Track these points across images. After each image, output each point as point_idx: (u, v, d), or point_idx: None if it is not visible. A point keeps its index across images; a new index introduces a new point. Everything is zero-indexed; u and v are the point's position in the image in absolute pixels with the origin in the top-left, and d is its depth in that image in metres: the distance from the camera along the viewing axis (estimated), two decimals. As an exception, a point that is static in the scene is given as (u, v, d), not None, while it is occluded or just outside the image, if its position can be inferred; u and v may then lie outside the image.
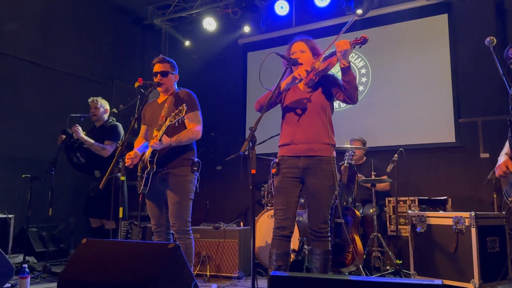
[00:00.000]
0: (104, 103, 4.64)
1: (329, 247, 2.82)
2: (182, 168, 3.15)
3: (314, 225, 2.81)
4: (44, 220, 5.21)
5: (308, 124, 2.79)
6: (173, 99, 3.30)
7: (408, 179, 5.30)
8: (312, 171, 2.77)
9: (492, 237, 3.45)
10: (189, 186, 3.16)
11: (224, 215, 5.82)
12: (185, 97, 3.31)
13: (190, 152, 3.22)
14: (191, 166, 3.17)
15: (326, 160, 2.77)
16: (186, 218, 3.13)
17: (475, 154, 5.18)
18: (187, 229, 3.14)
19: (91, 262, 2.19)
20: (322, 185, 2.76)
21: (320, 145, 2.77)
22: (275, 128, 3.53)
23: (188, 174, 3.16)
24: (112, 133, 4.43)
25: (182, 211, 3.11)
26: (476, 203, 4.98)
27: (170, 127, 3.03)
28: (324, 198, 2.78)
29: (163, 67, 3.38)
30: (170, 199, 3.13)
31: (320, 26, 6.43)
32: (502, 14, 5.26)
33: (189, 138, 3.14)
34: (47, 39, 5.96)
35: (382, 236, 4.55)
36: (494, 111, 5.05)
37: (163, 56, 3.45)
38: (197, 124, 3.20)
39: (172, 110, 3.10)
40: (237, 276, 4.23)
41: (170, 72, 3.39)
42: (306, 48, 2.93)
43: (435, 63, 5.62)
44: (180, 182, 3.13)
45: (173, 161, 3.14)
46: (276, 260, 2.73)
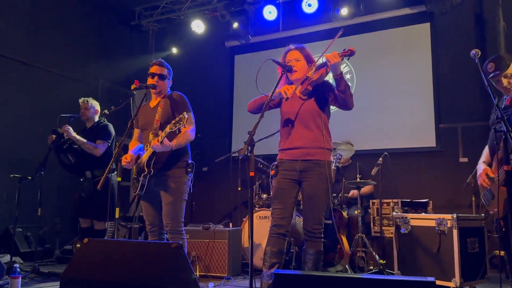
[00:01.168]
0: (94, 103, 4.65)
1: (321, 248, 2.94)
2: (176, 170, 3.21)
3: (308, 226, 2.92)
4: (30, 221, 5.19)
5: (304, 129, 2.91)
6: (166, 102, 3.34)
7: (391, 182, 5.47)
8: (308, 174, 2.88)
9: (472, 238, 3.62)
10: (183, 187, 3.22)
11: (210, 216, 5.88)
12: (178, 99, 3.36)
13: (184, 154, 3.29)
14: (185, 167, 3.23)
15: (322, 163, 2.87)
16: (179, 218, 3.19)
17: (455, 159, 5.39)
18: (180, 229, 3.20)
19: (94, 261, 2.24)
20: (317, 187, 2.87)
21: (316, 150, 2.87)
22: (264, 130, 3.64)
23: (183, 176, 3.23)
24: (104, 132, 4.46)
25: (175, 212, 3.17)
26: (455, 206, 5.18)
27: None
28: (319, 200, 2.89)
29: (160, 71, 3.43)
30: (164, 199, 3.19)
31: (307, 31, 6.57)
32: (482, 25, 5.50)
33: (186, 141, 3.22)
34: (34, 38, 5.92)
35: (366, 237, 4.70)
36: (473, 117, 5.29)
37: (162, 60, 3.51)
38: (191, 126, 3.26)
39: (167, 113, 3.20)
40: (226, 277, 4.30)
41: (166, 77, 3.46)
42: (301, 56, 3.03)
43: (418, 70, 5.82)
44: (174, 183, 3.18)
45: (169, 163, 3.20)
46: (270, 257, 2.82)
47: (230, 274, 4.34)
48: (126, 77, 7.35)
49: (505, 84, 2.83)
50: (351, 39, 6.32)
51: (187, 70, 7.36)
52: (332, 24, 6.26)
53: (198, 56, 7.32)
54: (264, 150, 5.76)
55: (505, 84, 2.83)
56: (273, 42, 6.81)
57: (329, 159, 2.92)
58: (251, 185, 2.48)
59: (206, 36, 6.99)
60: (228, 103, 7.07)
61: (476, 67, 2.66)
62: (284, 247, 2.92)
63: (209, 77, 7.25)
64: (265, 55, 6.16)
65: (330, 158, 2.94)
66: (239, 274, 4.52)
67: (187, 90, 7.19)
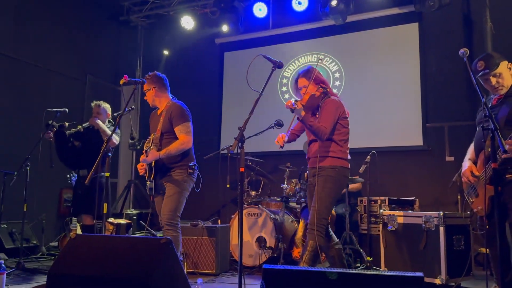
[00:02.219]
0: (107, 107, 4.67)
1: (319, 242, 3.11)
2: (179, 171, 3.50)
3: (309, 220, 3.22)
4: (15, 217, 5.11)
5: (313, 142, 3.38)
6: (167, 112, 3.57)
7: (378, 180, 5.51)
8: (316, 177, 3.27)
9: (458, 236, 3.68)
10: (183, 185, 3.48)
11: (199, 213, 5.86)
12: (175, 111, 3.55)
13: (186, 158, 3.54)
14: (187, 169, 3.51)
15: (326, 168, 3.25)
16: (176, 212, 3.43)
17: (441, 157, 5.46)
18: (176, 222, 3.42)
19: (81, 256, 2.21)
20: (319, 186, 3.21)
21: (320, 158, 3.27)
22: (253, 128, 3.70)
23: (184, 175, 3.50)
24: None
25: (173, 205, 3.41)
26: (441, 204, 5.25)
27: (164, 140, 3.50)
28: (322, 198, 3.18)
29: (146, 87, 3.63)
30: (166, 194, 3.48)
31: (296, 29, 6.59)
32: (469, 26, 5.57)
33: (178, 149, 3.44)
34: (21, 32, 5.83)
35: (353, 234, 4.74)
36: (460, 117, 5.35)
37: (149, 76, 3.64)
38: (186, 135, 3.49)
39: (167, 123, 3.52)
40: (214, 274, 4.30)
41: (149, 89, 3.61)
42: (307, 82, 3.36)
43: (406, 69, 5.88)
44: (176, 181, 3.47)
45: (172, 167, 3.49)
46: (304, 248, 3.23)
47: (218, 271, 4.33)
48: (115, 72, 7.29)
49: (494, 83, 2.86)
50: (340, 37, 6.36)
51: (176, 66, 7.33)
52: (322, 22, 6.28)
53: (188, 52, 7.29)
54: (253, 147, 5.77)
55: (494, 83, 2.86)
56: (263, 39, 6.81)
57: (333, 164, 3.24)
58: (241, 180, 2.48)
59: (195, 32, 6.96)
60: (217, 100, 7.05)
61: (463, 67, 2.70)
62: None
63: (198, 74, 7.22)
64: (255, 52, 6.14)
65: (335, 163, 3.25)
66: (227, 271, 4.51)
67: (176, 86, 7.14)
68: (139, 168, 3.51)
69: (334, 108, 3.26)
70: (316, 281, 1.81)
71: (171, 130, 3.51)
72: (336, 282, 1.77)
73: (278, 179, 5.44)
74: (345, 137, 3.33)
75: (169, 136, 3.53)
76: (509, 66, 2.89)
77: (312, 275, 1.86)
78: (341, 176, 3.27)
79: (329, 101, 3.29)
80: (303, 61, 6.57)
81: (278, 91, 6.64)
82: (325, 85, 3.34)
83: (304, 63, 6.53)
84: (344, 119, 3.32)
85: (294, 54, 6.61)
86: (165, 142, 3.50)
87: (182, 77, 7.24)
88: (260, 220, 4.70)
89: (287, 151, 6.23)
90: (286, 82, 6.60)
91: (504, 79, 2.86)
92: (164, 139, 3.52)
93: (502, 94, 2.90)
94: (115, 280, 2.07)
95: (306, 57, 6.55)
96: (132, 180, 7.06)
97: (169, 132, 3.52)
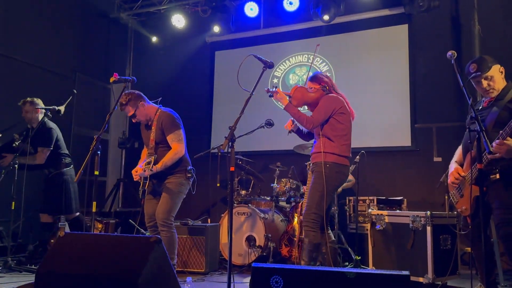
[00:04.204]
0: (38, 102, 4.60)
1: (313, 239, 3.19)
2: (178, 175, 3.66)
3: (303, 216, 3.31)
4: (2, 215, 5.05)
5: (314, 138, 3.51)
6: (158, 122, 3.69)
7: (367, 180, 5.57)
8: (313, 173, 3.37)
9: (445, 235, 3.73)
10: (179, 187, 3.64)
11: (188, 212, 5.85)
12: (165, 121, 3.66)
13: (183, 163, 3.69)
14: (185, 173, 3.68)
15: (319, 163, 3.30)
16: (170, 212, 3.54)
17: (429, 158, 5.53)
18: (170, 222, 3.53)
19: (70, 255, 2.21)
20: (313, 183, 3.30)
21: (316, 154, 3.36)
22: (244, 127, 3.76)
23: (183, 179, 3.67)
24: (44, 139, 4.48)
25: (168, 205, 3.55)
26: (428, 204, 5.31)
27: (159, 149, 3.63)
28: (311, 194, 3.27)
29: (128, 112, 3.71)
30: (163, 195, 3.62)
31: (288, 29, 6.62)
32: (458, 28, 5.64)
33: (173, 160, 3.57)
34: (10, 29, 5.76)
35: (342, 233, 4.78)
36: (448, 118, 5.43)
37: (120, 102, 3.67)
38: (178, 143, 3.62)
39: (159, 133, 3.65)
40: (203, 272, 4.30)
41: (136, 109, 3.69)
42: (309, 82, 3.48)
43: (395, 70, 5.94)
44: (174, 183, 3.62)
45: (171, 173, 3.64)
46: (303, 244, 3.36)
47: (208, 270, 4.34)
48: (104, 70, 7.24)
49: (485, 86, 2.91)
50: (330, 38, 6.40)
51: (167, 65, 7.31)
52: (313, 23, 6.31)
53: (178, 51, 7.27)
54: (243, 147, 5.79)
55: (485, 86, 2.91)
56: (254, 39, 6.82)
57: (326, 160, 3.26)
58: (231, 179, 2.49)
59: (186, 31, 6.94)
60: (208, 99, 7.05)
61: (451, 68, 2.72)
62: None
63: (189, 73, 7.21)
64: (246, 51, 6.17)
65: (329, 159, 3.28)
66: (217, 270, 4.52)
67: (167, 85, 7.21)
68: (134, 175, 3.59)
69: (327, 102, 3.31)
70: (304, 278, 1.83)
71: (164, 140, 3.64)
72: (324, 279, 1.79)
73: (268, 179, 5.46)
74: (341, 133, 3.31)
75: (164, 145, 3.66)
76: (501, 70, 2.95)
77: (300, 272, 1.89)
78: (333, 172, 3.25)
79: (326, 96, 3.38)
80: (294, 61, 6.59)
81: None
82: (327, 84, 3.42)
83: (295, 63, 6.56)
84: (340, 115, 3.31)
85: (285, 54, 6.64)
86: (160, 151, 3.65)
87: (173, 76, 7.24)
88: (250, 219, 4.72)
89: (277, 151, 6.28)
90: (277, 82, 6.62)
91: (496, 82, 2.91)
92: (159, 149, 3.66)
93: (493, 97, 2.95)
94: (104, 278, 2.07)
95: (297, 57, 6.58)
96: (121, 178, 7.03)
97: (163, 141, 3.65)
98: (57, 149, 4.59)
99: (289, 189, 4.83)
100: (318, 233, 3.22)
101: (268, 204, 5.08)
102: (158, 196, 3.68)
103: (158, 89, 7.14)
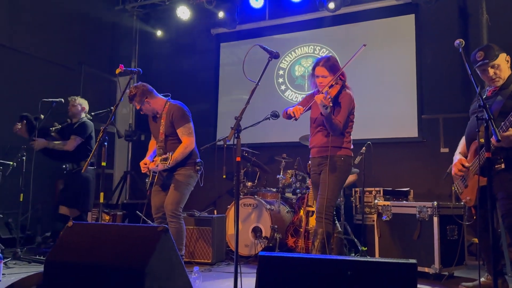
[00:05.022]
0: (82, 102, 4.86)
1: (327, 229, 3.21)
2: (188, 167, 3.69)
3: (316, 208, 3.34)
4: (11, 206, 5.11)
5: (321, 131, 3.42)
6: (167, 115, 3.69)
7: (373, 171, 5.54)
8: (322, 166, 3.37)
9: (452, 226, 3.72)
10: (188, 179, 3.67)
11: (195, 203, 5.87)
12: (175, 114, 3.66)
13: (192, 156, 3.71)
14: (194, 166, 3.71)
15: (332, 157, 3.32)
16: (179, 204, 3.57)
17: (436, 149, 5.50)
18: (178, 213, 3.55)
19: (79, 244, 2.23)
20: (325, 175, 3.30)
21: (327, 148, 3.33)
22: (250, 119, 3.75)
23: (192, 171, 3.70)
24: (79, 128, 4.71)
25: (177, 196, 3.58)
26: (435, 195, 5.29)
27: (169, 142, 3.65)
28: (325, 185, 3.27)
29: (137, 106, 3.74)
30: (172, 186, 3.64)
31: (293, 20, 6.58)
32: (465, 18, 5.58)
33: (183, 154, 3.59)
34: (15, 21, 5.78)
35: (348, 225, 4.78)
36: (455, 109, 5.38)
37: (128, 96, 3.70)
38: (188, 137, 3.64)
39: (168, 126, 3.66)
40: (210, 263, 4.33)
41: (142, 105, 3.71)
42: (327, 72, 3.35)
43: (402, 61, 5.89)
44: (183, 175, 3.65)
45: (180, 165, 3.65)
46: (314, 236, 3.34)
47: (214, 261, 4.37)
48: (110, 63, 7.25)
49: (491, 74, 2.89)
50: (337, 28, 6.36)
51: (172, 57, 7.30)
52: (319, 13, 6.27)
53: (183, 43, 7.26)
54: (249, 138, 5.79)
55: (491, 74, 2.89)
56: (260, 30, 6.79)
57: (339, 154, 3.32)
58: (237, 170, 2.49)
59: (191, 22, 6.92)
60: (213, 91, 7.05)
61: (459, 58, 2.70)
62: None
63: (194, 65, 7.20)
64: (251, 43, 6.11)
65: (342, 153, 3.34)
66: (223, 261, 4.55)
67: (172, 77, 7.20)
68: (142, 167, 3.64)
69: (349, 102, 3.37)
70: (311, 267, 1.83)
71: (174, 132, 3.66)
72: (331, 269, 1.79)
73: (274, 170, 5.47)
74: (350, 129, 3.48)
75: (173, 138, 3.68)
76: (507, 59, 2.92)
77: (307, 261, 1.89)
78: (347, 165, 3.38)
79: (346, 94, 3.36)
80: (299, 52, 6.56)
81: (275, 82, 6.64)
82: (344, 77, 3.37)
83: (301, 54, 6.53)
84: (353, 114, 3.46)
85: (290, 45, 6.60)
86: (169, 144, 3.67)
87: (178, 68, 7.24)
88: (256, 211, 4.74)
89: (283, 142, 6.27)
90: (283, 74, 6.60)
91: (502, 70, 2.89)
92: (168, 141, 3.68)
93: (498, 86, 2.93)
94: (111, 268, 2.09)
95: (302, 48, 6.54)
96: (128, 171, 7.07)
97: (173, 134, 3.67)
98: (87, 145, 4.75)
99: (295, 181, 4.84)
100: (332, 224, 3.33)
101: (274, 196, 5.09)
102: (165, 188, 3.71)
103: (163, 81, 7.17)
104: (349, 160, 3.40)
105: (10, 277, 3.43)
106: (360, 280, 1.79)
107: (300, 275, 1.89)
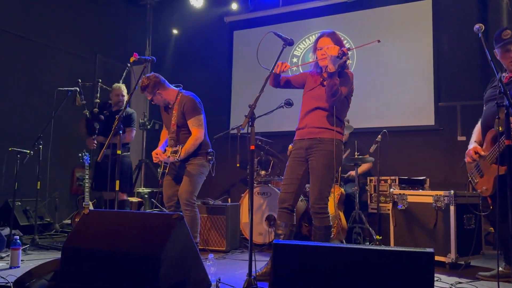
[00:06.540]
0: (125, 90, 5.04)
1: (327, 223, 3.01)
2: (200, 157, 3.74)
3: (311, 201, 3.03)
4: (29, 194, 5.20)
5: (316, 110, 3.08)
6: (179, 106, 3.72)
7: (388, 159, 5.48)
8: (312, 150, 3.03)
9: (468, 215, 3.67)
10: (201, 168, 3.72)
11: (209, 192, 5.91)
12: (186, 105, 3.69)
13: (204, 147, 3.76)
14: (206, 156, 3.77)
15: (326, 140, 3.00)
16: (193, 193, 3.62)
17: (453, 137, 5.41)
18: (192, 201, 3.60)
19: (95, 232, 2.25)
20: (319, 162, 2.99)
21: (321, 129, 3.02)
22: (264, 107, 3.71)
23: (204, 161, 3.76)
24: (130, 119, 4.90)
25: (191, 185, 3.63)
26: (451, 184, 5.21)
27: (181, 133, 3.70)
28: (320, 175, 2.97)
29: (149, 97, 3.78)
30: (185, 176, 3.68)
31: (306, 7, 6.49)
32: (484, 3, 5.43)
33: (194, 145, 3.65)
34: (31, 11, 5.82)
35: (363, 214, 4.75)
36: (472, 96, 5.25)
37: (140, 87, 3.71)
38: (198, 129, 3.68)
39: (180, 117, 3.70)
40: (224, 251, 4.36)
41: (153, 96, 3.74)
42: (331, 43, 3.10)
43: (418, 48, 5.77)
44: (196, 165, 3.71)
45: (192, 156, 3.70)
46: (276, 229, 3.15)
47: (229, 248, 4.39)
48: (124, 52, 7.26)
49: None
50: (352, 15, 6.26)
51: (185, 46, 7.29)
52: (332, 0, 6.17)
53: (197, 31, 7.23)
54: (262, 127, 5.76)
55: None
56: (273, 17, 6.72)
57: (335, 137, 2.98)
58: (251, 158, 2.48)
59: (204, 10, 6.89)
60: (226, 80, 7.02)
61: (477, 44, 2.64)
62: (290, 220, 3.11)
63: (207, 53, 7.18)
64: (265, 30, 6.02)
65: (337, 137, 3.01)
66: (237, 248, 4.57)
67: (185, 66, 7.20)
68: (154, 156, 3.69)
69: (352, 82, 3.13)
70: (326, 255, 1.82)
71: (185, 124, 3.71)
72: (347, 257, 1.78)
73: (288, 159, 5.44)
74: (345, 113, 3.20)
75: (185, 129, 3.72)
76: None
77: (322, 250, 1.88)
78: (340, 151, 3.08)
79: (350, 73, 3.16)
80: (313, 39, 6.47)
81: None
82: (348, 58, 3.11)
83: (315, 41, 6.44)
84: (351, 96, 3.21)
85: (304, 32, 6.53)
86: (182, 134, 3.72)
87: (192, 57, 7.22)
88: (270, 199, 4.73)
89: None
90: (297, 61, 6.54)
91: None
92: (180, 132, 3.72)
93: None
94: (127, 255, 2.10)
95: (316, 35, 6.44)
96: (143, 159, 7.11)
97: (184, 125, 3.71)
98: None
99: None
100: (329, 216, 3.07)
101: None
102: (177, 178, 3.76)
103: (177, 70, 7.17)
104: (342, 145, 3.09)
105: (28, 263, 3.49)
106: (377, 269, 1.77)
107: (315, 263, 1.88)
